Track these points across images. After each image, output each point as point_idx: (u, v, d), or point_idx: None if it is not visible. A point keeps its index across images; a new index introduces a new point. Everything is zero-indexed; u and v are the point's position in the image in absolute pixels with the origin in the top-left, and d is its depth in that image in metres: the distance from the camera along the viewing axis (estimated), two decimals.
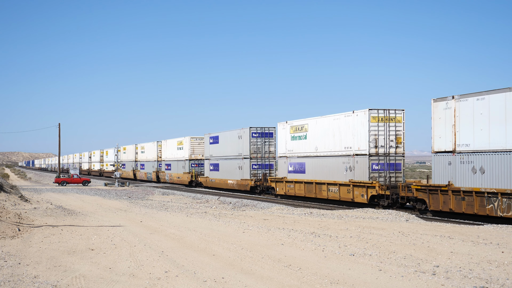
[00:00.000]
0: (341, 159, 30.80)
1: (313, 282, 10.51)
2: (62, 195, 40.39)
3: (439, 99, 24.37)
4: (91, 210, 27.34)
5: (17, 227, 17.82)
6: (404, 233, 16.73)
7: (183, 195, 43.09)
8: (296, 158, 35.79)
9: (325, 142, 32.36)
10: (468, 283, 10.18)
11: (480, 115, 22.17)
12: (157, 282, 10.63)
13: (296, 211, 25.87)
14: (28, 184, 66.91)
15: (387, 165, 28.78)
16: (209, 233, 17.35)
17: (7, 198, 28.41)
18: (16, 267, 11.97)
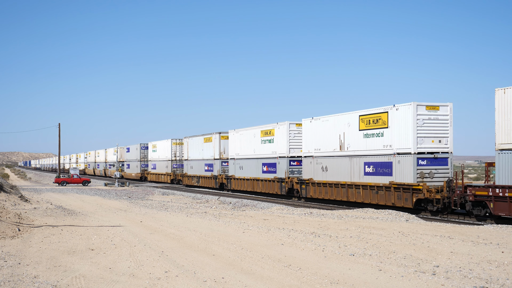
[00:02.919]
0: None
1: (313, 282, 10.50)
2: (62, 195, 40.39)
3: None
4: (91, 210, 27.34)
5: (17, 227, 17.82)
6: (404, 233, 16.73)
7: (183, 195, 43.10)
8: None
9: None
10: (468, 283, 10.18)
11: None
12: (157, 282, 10.63)
13: (296, 211, 25.87)
14: (28, 184, 66.92)
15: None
16: (209, 233, 17.35)
17: (7, 198, 28.41)
18: (16, 267, 11.97)
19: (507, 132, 20.81)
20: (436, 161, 25.65)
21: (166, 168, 62.70)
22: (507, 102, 21.04)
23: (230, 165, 45.47)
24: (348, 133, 29.84)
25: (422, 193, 24.54)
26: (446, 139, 26.07)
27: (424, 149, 25.45)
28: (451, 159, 26.02)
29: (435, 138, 25.81)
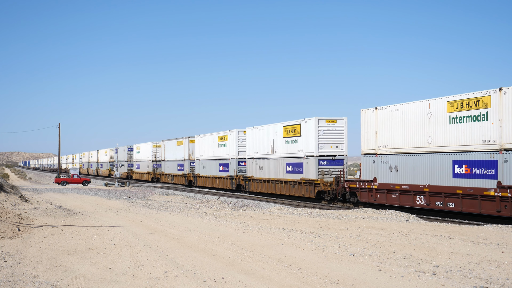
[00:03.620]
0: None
1: (313, 282, 10.51)
2: (62, 195, 40.40)
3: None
4: (91, 210, 27.34)
5: (17, 227, 17.82)
6: (404, 233, 16.73)
7: (183, 195, 43.12)
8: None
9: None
10: (468, 283, 10.18)
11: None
12: (157, 282, 10.63)
13: (296, 211, 25.88)
14: (28, 184, 66.92)
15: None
16: (209, 233, 17.36)
17: (7, 198, 28.42)
18: (16, 267, 11.97)
19: (366, 142, 28.49)
20: (334, 162, 33.51)
21: (147, 167, 70.23)
22: (366, 120, 28.51)
23: (196, 165, 53.61)
24: (275, 140, 38.01)
25: (320, 186, 32.45)
26: (342, 145, 33.82)
27: (324, 153, 33.25)
28: (345, 160, 33.81)
29: (333, 144, 33.57)
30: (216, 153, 48.52)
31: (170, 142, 61.67)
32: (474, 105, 22.29)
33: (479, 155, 21.96)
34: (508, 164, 20.73)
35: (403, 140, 25.99)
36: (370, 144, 28.24)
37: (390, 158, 26.81)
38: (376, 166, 27.70)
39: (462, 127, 22.78)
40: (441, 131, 23.81)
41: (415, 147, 25.27)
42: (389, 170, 26.85)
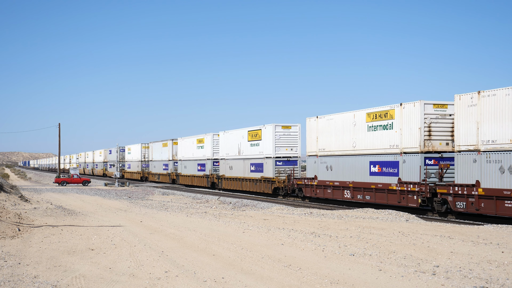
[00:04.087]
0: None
1: (313, 282, 10.51)
2: (62, 195, 40.40)
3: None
4: (91, 210, 27.34)
5: (17, 227, 17.82)
6: (404, 233, 16.73)
7: (183, 195, 43.13)
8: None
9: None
10: (468, 283, 10.18)
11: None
12: (157, 282, 10.63)
13: (296, 211, 25.88)
14: (28, 184, 66.92)
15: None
16: (209, 233, 17.36)
17: (7, 198, 28.42)
18: (16, 267, 11.97)
19: (310, 145, 33.32)
20: (288, 162, 38.41)
21: (137, 167, 75.65)
22: (310, 127, 33.47)
23: (179, 164, 58.67)
24: (242, 143, 43.14)
25: (276, 183, 37.75)
26: (296, 148, 38.78)
27: (280, 154, 38.36)
28: (299, 161, 38.80)
29: (288, 147, 38.53)
30: (195, 154, 53.67)
31: (157, 144, 66.91)
32: (384, 117, 27.00)
33: (387, 157, 26.81)
34: (406, 164, 25.54)
35: (336, 144, 30.87)
36: (313, 147, 33.22)
37: (327, 159, 31.74)
38: (317, 166, 32.81)
39: (376, 134, 27.63)
40: (362, 137, 28.77)
41: (344, 150, 30.22)
42: (325, 169, 31.89)
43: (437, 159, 24.90)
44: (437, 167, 24.64)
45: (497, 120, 21.00)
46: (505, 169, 20.58)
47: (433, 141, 24.91)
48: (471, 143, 22.14)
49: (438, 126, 25.00)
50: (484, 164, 21.49)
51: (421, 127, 24.73)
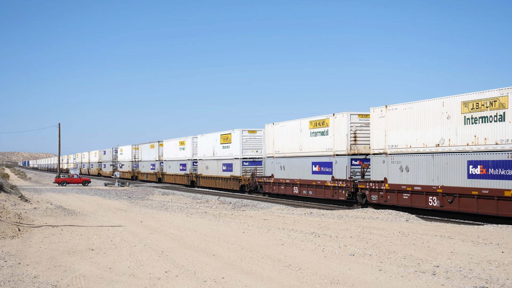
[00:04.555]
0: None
1: (313, 282, 10.51)
2: (62, 195, 40.41)
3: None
4: (91, 210, 27.35)
5: (17, 227, 17.83)
6: (404, 233, 16.73)
7: (183, 195, 43.15)
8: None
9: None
10: (468, 283, 10.18)
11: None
12: (157, 282, 10.63)
13: (296, 211, 25.89)
14: (28, 184, 66.93)
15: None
16: (209, 233, 17.36)
17: (7, 198, 28.43)
18: (16, 267, 11.97)
19: (268, 148, 39.10)
20: (254, 163, 43.65)
21: (128, 167, 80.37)
22: (268, 132, 38.84)
23: (164, 165, 63.34)
24: (216, 145, 48.54)
25: (242, 181, 42.95)
26: (261, 150, 43.77)
27: (247, 156, 43.76)
28: (263, 162, 42.49)
29: (253, 149, 44.03)
30: (178, 155, 58.94)
31: (145, 145, 72.34)
32: (322, 124, 32.20)
33: (324, 158, 31.89)
34: (337, 164, 30.63)
35: (288, 147, 36.00)
36: (270, 150, 38.47)
37: (281, 160, 36.86)
38: (273, 166, 37.82)
39: (316, 139, 32.74)
40: (306, 141, 33.84)
41: (293, 152, 35.23)
42: (280, 168, 36.89)
43: (361, 160, 29.89)
44: (360, 167, 29.61)
45: (398, 129, 26.07)
46: (403, 168, 25.78)
47: (358, 145, 29.97)
48: (381, 147, 27.24)
49: (362, 133, 29.95)
50: (390, 164, 26.63)
51: (348, 134, 29.92)
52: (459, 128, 22.66)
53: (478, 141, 21.80)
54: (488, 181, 21.24)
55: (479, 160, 21.70)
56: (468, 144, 22.22)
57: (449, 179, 23.10)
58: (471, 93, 22.25)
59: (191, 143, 55.14)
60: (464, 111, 22.45)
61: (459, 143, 22.70)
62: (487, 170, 21.31)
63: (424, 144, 24.44)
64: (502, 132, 20.75)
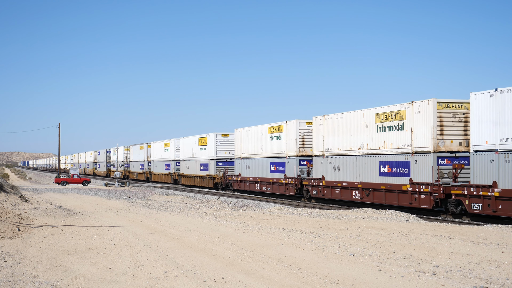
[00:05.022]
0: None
1: (313, 282, 10.51)
2: (62, 195, 40.40)
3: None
4: (91, 210, 27.35)
5: (17, 227, 17.83)
6: (404, 233, 16.73)
7: (183, 195, 43.14)
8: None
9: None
10: (468, 283, 10.18)
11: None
12: (157, 282, 10.63)
13: (296, 211, 25.88)
14: (28, 184, 66.92)
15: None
16: (209, 233, 17.36)
17: (7, 198, 28.43)
18: (16, 267, 11.97)
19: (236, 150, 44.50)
20: (227, 163, 48.66)
21: (120, 167, 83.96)
22: (237, 136, 44.36)
23: (152, 165, 69.24)
24: (194, 147, 53.85)
25: (216, 179, 48.27)
26: (233, 151, 47.18)
27: (221, 157, 48.83)
28: (235, 162, 45.68)
29: (227, 151, 48.94)
30: (163, 156, 64.69)
31: (135, 147, 77.93)
32: (278, 130, 37.84)
33: (279, 159, 37.44)
34: (289, 164, 36.03)
35: (252, 149, 41.55)
36: (238, 151, 44.02)
37: (246, 161, 42.43)
38: (240, 166, 43.58)
39: (273, 142, 38.31)
40: (265, 144, 39.50)
41: (256, 154, 40.92)
42: (245, 168, 42.57)
43: (308, 161, 34.97)
44: (306, 167, 35.03)
45: (332, 135, 31.25)
46: (336, 168, 30.90)
47: (305, 148, 35.28)
48: (320, 150, 32.48)
49: (308, 138, 35.08)
50: (326, 164, 31.79)
51: (297, 138, 35.27)
52: (373, 135, 27.76)
53: (386, 146, 26.89)
54: (392, 178, 26.40)
55: (387, 161, 26.84)
56: (380, 148, 27.31)
57: (366, 176, 28.12)
58: (382, 107, 27.22)
59: (174, 145, 60.51)
60: (377, 121, 27.53)
61: (374, 147, 27.77)
62: (392, 169, 26.48)
63: (350, 148, 29.62)
64: (402, 138, 25.81)
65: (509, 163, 20.39)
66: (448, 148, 24.31)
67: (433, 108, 24.11)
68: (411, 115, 25.23)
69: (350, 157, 29.49)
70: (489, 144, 21.18)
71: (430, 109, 24.22)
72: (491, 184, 20.98)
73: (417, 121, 24.93)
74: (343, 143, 30.12)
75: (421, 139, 24.72)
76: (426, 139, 24.40)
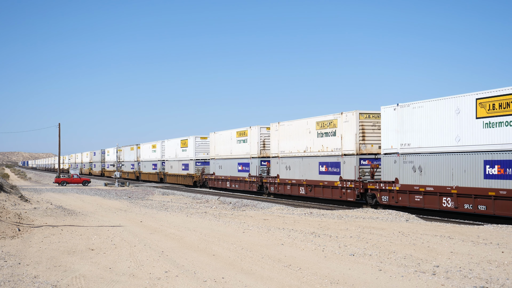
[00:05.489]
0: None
1: (313, 282, 10.51)
2: (62, 195, 40.40)
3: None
4: (91, 210, 27.34)
5: (17, 227, 17.82)
6: (404, 233, 16.73)
7: (183, 195, 43.13)
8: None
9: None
10: (468, 283, 10.18)
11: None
12: (157, 282, 10.63)
13: (296, 211, 25.88)
14: (28, 184, 66.91)
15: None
16: (209, 233, 17.36)
17: (7, 198, 28.42)
18: (16, 267, 11.97)
19: (211, 151, 50.14)
20: (205, 163, 54.10)
21: (113, 167, 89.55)
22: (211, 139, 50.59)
23: (141, 164, 74.77)
24: (177, 149, 59.27)
25: (195, 178, 53.66)
26: (208, 152, 52.72)
27: (199, 158, 54.34)
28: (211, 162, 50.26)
29: (205, 152, 54.28)
30: (151, 157, 70.16)
31: (127, 148, 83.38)
32: (243, 134, 43.20)
33: (245, 160, 42.74)
34: (252, 164, 41.51)
35: (223, 151, 47.46)
36: (213, 153, 49.75)
37: (218, 161, 48.16)
38: (215, 165, 49.31)
39: (240, 145, 43.66)
40: (234, 147, 44.72)
41: (227, 155, 46.35)
42: (218, 167, 48.51)
43: (268, 161, 39.79)
44: (266, 166, 40.10)
45: (285, 139, 36.47)
46: (287, 167, 35.97)
47: (266, 150, 40.51)
48: (276, 152, 37.76)
49: (267, 141, 40.24)
50: (281, 164, 37.03)
51: (258, 142, 40.77)
52: (315, 140, 32.83)
53: (324, 149, 31.94)
54: (328, 176, 31.32)
55: (324, 161, 31.84)
56: (319, 151, 32.40)
57: (310, 174, 33.19)
58: (321, 116, 32.25)
59: (160, 147, 66.01)
60: (318, 128, 32.55)
61: (315, 150, 32.87)
62: (328, 168, 31.46)
63: (298, 150, 34.76)
64: (335, 143, 30.77)
65: (407, 164, 25.68)
66: (369, 151, 29.06)
67: (356, 118, 28.91)
68: (341, 123, 30.27)
69: (298, 158, 34.67)
70: (393, 148, 26.47)
71: (354, 119, 29.04)
72: (394, 180, 26.33)
73: (345, 128, 29.87)
74: (293, 146, 35.27)
75: (348, 143, 29.64)
76: (352, 143, 29.25)
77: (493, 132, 21.30)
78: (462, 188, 22.41)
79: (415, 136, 25.24)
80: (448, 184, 23.17)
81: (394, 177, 26.13)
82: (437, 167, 23.83)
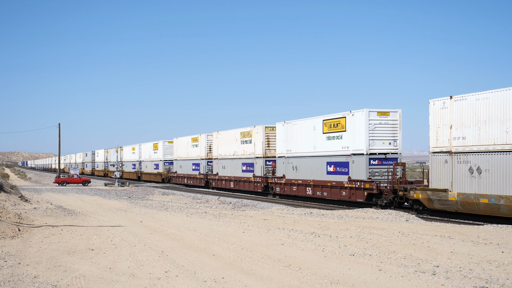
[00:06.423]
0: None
1: (313, 282, 10.51)
2: (62, 195, 40.39)
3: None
4: (91, 210, 27.34)
5: (17, 227, 17.82)
6: (404, 233, 16.73)
7: (183, 195, 43.11)
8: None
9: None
10: (468, 283, 10.18)
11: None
12: (157, 282, 10.63)
13: (296, 211, 25.87)
14: (28, 184, 66.89)
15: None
16: (209, 233, 17.36)
17: (7, 198, 28.42)
18: (16, 267, 11.97)
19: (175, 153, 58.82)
20: (171, 163, 61.56)
21: (102, 167, 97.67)
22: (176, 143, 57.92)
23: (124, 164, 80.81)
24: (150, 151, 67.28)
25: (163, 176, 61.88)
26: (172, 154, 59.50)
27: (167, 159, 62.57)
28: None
29: (170, 154, 61.07)
30: (131, 158, 77.02)
31: (112, 150, 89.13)
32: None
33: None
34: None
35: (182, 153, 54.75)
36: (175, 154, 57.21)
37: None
38: (177, 165, 56.78)
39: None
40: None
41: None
42: (179, 167, 56.11)
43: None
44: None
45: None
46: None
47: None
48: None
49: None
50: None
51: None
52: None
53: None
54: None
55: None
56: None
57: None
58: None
59: (138, 149, 73.73)
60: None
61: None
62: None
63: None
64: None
65: (289, 164, 35.03)
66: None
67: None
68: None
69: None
70: (282, 153, 36.44)
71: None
72: (282, 176, 36.05)
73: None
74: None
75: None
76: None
77: (331, 143, 31.13)
78: (316, 181, 32.30)
79: (293, 144, 34.78)
80: (309, 178, 33.09)
81: (282, 174, 36.17)
82: (304, 166, 33.49)
